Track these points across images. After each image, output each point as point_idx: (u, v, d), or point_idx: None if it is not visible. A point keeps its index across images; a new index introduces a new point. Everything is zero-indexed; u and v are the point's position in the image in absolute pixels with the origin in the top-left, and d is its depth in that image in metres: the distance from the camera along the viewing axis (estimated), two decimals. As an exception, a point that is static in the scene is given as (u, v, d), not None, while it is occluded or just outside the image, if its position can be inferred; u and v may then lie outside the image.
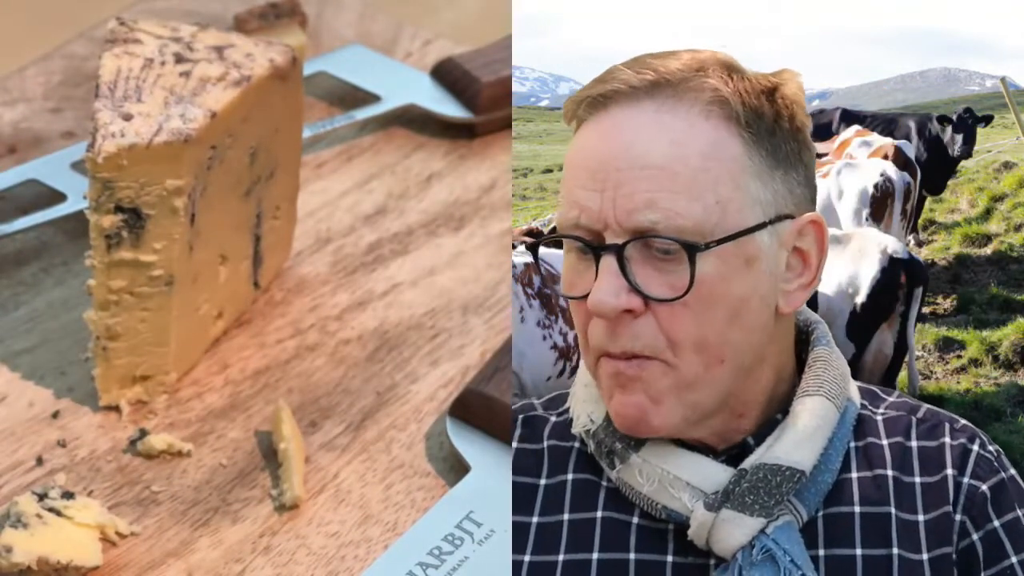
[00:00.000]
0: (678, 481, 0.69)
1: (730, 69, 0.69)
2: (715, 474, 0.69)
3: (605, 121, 0.68)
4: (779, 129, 0.69)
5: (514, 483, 0.73)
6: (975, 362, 2.71)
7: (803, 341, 0.74)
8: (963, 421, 0.75)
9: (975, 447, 0.73)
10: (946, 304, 3.15)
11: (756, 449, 0.70)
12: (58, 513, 0.98)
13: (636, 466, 0.70)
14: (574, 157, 0.69)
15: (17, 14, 1.72)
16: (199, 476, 1.07)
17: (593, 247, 0.67)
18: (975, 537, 0.71)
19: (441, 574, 1.00)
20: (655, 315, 0.67)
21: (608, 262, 0.67)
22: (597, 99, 0.69)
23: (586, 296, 0.67)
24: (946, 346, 2.81)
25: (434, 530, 1.02)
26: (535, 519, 0.72)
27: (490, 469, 1.07)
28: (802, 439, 0.69)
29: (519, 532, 0.72)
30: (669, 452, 0.70)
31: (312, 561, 1.02)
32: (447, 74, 1.47)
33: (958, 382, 2.63)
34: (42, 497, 0.99)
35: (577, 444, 0.74)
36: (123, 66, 1.08)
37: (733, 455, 0.71)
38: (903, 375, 2.36)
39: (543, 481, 0.73)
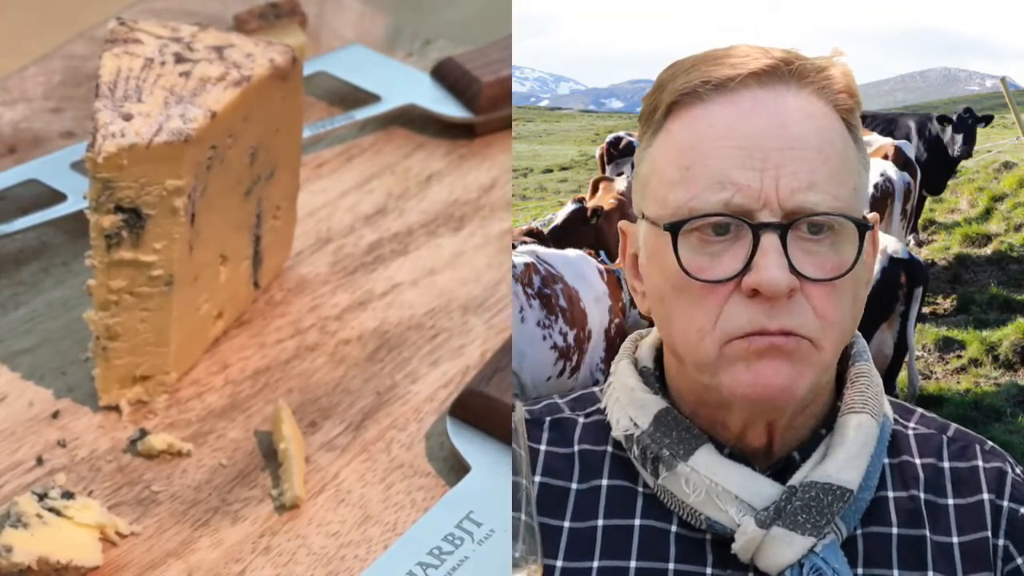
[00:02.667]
0: (726, 494, 0.68)
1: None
2: (764, 489, 0.69)
3: (738, 102, 0.67)
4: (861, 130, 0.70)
5: (543, 485, 0.72)
6: (975, 362, 2.71)
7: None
8: (990, 443, 0.75)
9: (1009, 470, 0.73)
10: (946, 304, 3.15)
11: (802, 465, 0.70)
12: (58, 513, 0.98)
13: (683, 475, 0.69)
14: (711, 135, 0.67)
15: (17, 14, 1.72)
16: (199, 476, 1.07)
17: (753, 226, 0.66)
18: (1020, 561, 0.71)
19: (441, 574, 1.00)
20: (807, 296, 0.66)
21: (771, 241, 0.65)
22: (727, 80, 0.67)
23: (732, 278, 0.66)
24: (946, 346, 2.81)
25: (434, 530, 1.02)
26: (567, 524, 0.71)
27: (490, 469, 1.07)
28: (851, 457, 0.69)
29: (549, 536, 0.70)
30: (719, 463, 0.69)
31: (312, 561, 1.02)
32: (447, 74, 1.47)
33: (958, 382, 2.63)
34: (42, 497, 0.99)
35: (611, 448, 0.73)
36: (123, 66, 1.08)
37: (778, 469, 0.70)
38: (903, 375, 2.36)
39: (574, 486, 0.72)
